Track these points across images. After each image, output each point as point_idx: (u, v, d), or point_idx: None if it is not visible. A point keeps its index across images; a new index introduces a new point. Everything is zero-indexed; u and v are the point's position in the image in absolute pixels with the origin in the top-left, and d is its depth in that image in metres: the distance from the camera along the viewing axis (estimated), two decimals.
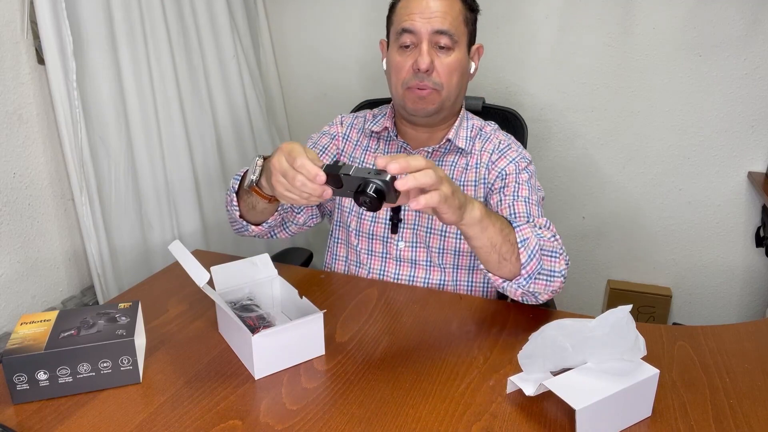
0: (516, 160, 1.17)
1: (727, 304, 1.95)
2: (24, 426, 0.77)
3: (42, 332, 0.83)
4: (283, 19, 2.06)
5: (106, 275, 1.46)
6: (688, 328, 1.00)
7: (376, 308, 1.06)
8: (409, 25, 1.09)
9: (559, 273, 1.00)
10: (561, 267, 1.00)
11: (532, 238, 0.96)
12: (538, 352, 0.81)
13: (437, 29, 1.08)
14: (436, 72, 1.10)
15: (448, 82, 1.12)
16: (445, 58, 1.10)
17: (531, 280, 0.97)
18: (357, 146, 1.27)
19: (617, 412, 0.75)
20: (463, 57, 1.13)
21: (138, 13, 1.50)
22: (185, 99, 1.68)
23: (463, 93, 1.20)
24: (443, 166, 1.20)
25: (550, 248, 0.99)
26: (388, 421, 0.78)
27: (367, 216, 1.22)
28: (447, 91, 1.12)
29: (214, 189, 1.81)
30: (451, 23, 1.08)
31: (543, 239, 0.99)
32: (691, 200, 1.86)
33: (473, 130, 1.22)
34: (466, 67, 1.15)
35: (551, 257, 0.99)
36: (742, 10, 1.63)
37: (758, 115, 1.72)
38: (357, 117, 1.31)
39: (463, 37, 1.12)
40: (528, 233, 0.96)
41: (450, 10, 1.09)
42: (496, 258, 0.95)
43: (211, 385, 0.85)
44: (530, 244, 0.96)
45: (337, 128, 1.30)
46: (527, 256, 0.95)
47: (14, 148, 1.29)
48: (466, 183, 1.18)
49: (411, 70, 1.11)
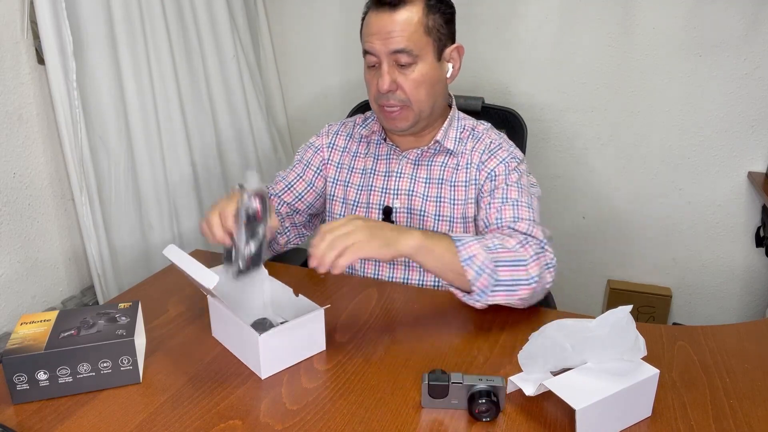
0: (506, 160, 1.17)
1: (727, 304, 1.95)
2: (24, 426, 0.77)
3: (42, 332, 0.83)
4: (283, 19, 2.06)
5: (106, 275, 1.46)
6: (688, 328, 1.00)
7: (376, 308, 1.06)
8: (369, 47, 1.10)
9: (528, 280, 0.97)
10: (531, 273, 0.97)
11: (478, 253, 0.94)
12: (538, 352, 0.81)
13: (394, 49, 1.07)
14: (401, 89, 1.10)
15: (416, 97, 1.11)
16: (408, 74, 1.09)
17: (486, 295, 0.96)
18: (345, 153, 1.28)
19: (617, 412, 0.75)
20: (429, 68, 1.11)
21: (138, 13, 1.49)
22: (185, 99, 1.68)
23: (440, 100, 1.18)
24: (433, 166, 1.20)
25: (509, 258, 0.97)
26: (388, 421, 0.78)
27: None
28: (417, 106, 1.12)
29: (214, 189, 1.81)
30: (409, 39, 1.07)
31: (497, 250, 0.97)
32: (691, 200, 1.86)
33: (464, 130, 1.22)
34: (435, 77, 1.13)
35: (512, 266, 0.97)
36: (742, 10, 1.63)
37: (758, 115, 1.72)
38: (345, 123, 1.32)
39: (427, 47, 1.10)
40: (474, 250, 0.95)
41: (407, 26, 1.06)
42: (452, 276, 0.96)
43: (211, 385, 0.85)
44: (477, 261, 0.94)
45: (322, 139, 1.30)
46: (474, 273, 0.94)
47: (14, 148, 1.29)
48: (457, 183, 1.18)
49: (377, 89, 1.12)
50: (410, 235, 0.92)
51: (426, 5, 1.08)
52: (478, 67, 1.89)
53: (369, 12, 1.11)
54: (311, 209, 1.31)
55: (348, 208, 1.25)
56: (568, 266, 2.07)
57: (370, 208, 1.23)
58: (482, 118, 1.32)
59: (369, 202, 1.23)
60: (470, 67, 1.90)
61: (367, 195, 1.23)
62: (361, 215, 0.89)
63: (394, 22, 1.06)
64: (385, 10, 1.07)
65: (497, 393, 0.77)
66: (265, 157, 2.02)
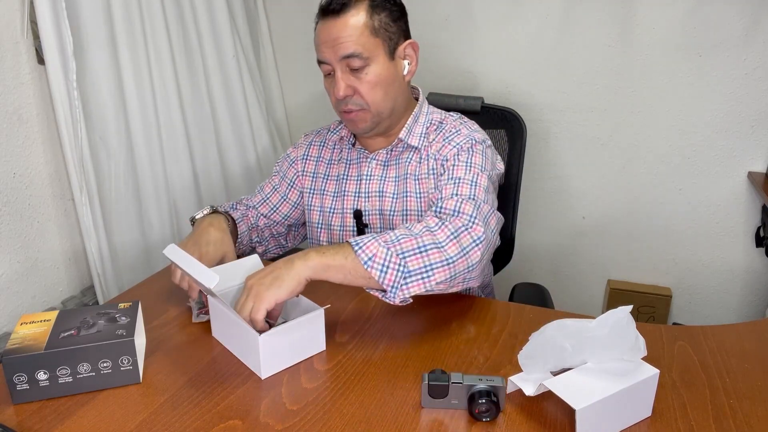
0: (460, 143, 1.14)
1: (727, 304, 1.95)
2: (24, 426, 0.77)
3: (42, 332, 0.83)
4: (283, 19, 2.06)
5: (106, 275, 1.46)
6: (688, 328, 1.00)
7: (376, 308, 1.06)
8: (321, 56, 1.12)
9: (441, 262, 0.93)
10: (447, 254, 0.93)
11: (378, 253, 0.91)
12: (538, 352, 0.81)
13: (343, 54, 1.08)
14: (357, 93, 1.11)
15: (373, 99, 1.11)
16: (363, 76, 1.09)
17: (398, 289, 0.91)
18: (319, 162, 1.29)
19: (617, 412, 0.75)
20: (383, 68, 1.10)
21: (138, 13, 1.50)
22: (185, 99, 1.68)
23: (401, 98, 1.17)
24: (400, 164, 1.20)
25: (417, 245, 0.93)
26: (388, 421, 0.78)
27: (336, 225, 1.25)
28: (375, 107, 1.12)
29: (214, 189, 1.81)
30: (356, 43, 1.07)
31: (401, 241, 0.93)
32: (691, 200, 1.86)
33: (432, 124, 1.21)
34: (390, 76, 1.12)
35: (421, 253, 0.93)
36: (742, 10, 1.63)
37: (758, 115, 1.72)
38: (320, 132, 1.33)
39: (377, 48, 1.09)
40: (373, 249, 0.92)
41: (352, 30, 1.07)
42: (363, 281, 0.93)
43: (211, 385, 0.85)
44: (377, 260, 0.91)
45: (297, 151, 1.31)
46: (378, 272, 0.91)
47: (14, 148, 1.29)
48: (420, 176, 1.17)
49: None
50: (303, 259, 0.90)
51: (370, 6, 1.09)
52: (478, 67, 1.89)
53: (318, 22, 1.13)
54: (288, 220, 1.32)
55: (325, 216, 1.26)
56: (568, 266, 2.07)
57: (344, 214, 1.24)
58: (482, 118, 1.32)
59: (343, 207, 1.24)
60: (470, 67, 1.90)
61: (341, 201, 1.24)
62: (276, 263, 0.91)
63: (340, 29, 1.07)
64: (330, 17, 1.08)
65: (497, 393, 0.77)
66: (265, 157, 2.02)
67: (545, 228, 2.02)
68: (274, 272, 0.90)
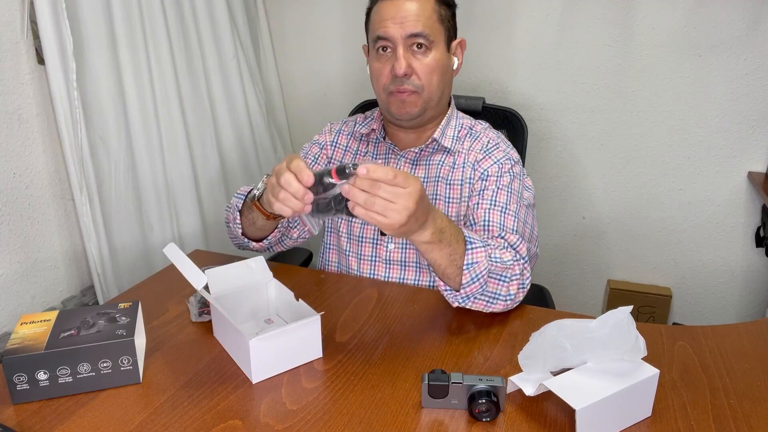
0: (500, 161, 1.17)
1: (727, 304, 1.95)
2: (24, 426, 0.77)
3: (42, 332, 0.83)
4: (283, 19, 2.06)
5: (106, 275, 1.46)
6: (688, 328, 1.00)
7: (376, 308, 1.06)
8: (383, 32, 1.10)
9: (505, 297, 1.00)
10: (510, 291, 1.00)
11: (482, 261, 0.96)
12: (538, 352, 0.81)
13: (411, 32, 1.08)
14: (415, 74, 1.11)
15: (428, 83, 1.12)
16: (423, 59, 1.10)
17: (469, 300, 0.99)
18: (347, 151, 1.28)
19: (617, 412, 0.75)
20: (441, 55, 1.12)
21: (138, 13, 1.49)
22: (185, 99, 1.67)
23: (447, 91, 1.19)
24: (431, 165, 1.20)
25: (500, 272, 0.98)
26: (388, 421, 0.78)
27: (357, 219, 1.22)
28: (428, 92, 1.12)
29: (214, 189, 1.81)
30: (425, 24, 1.08)
31: (496, 263, 0.98)
32: (691, 200, 1.86)
33: (462, 129, 1.22)
34: (446, 65, 1.15)
35: (499, 281, 0.99)
36: (742, 10, 1.63)
37: (758, 115, 1.72)
38: (347, 122, 1.32)
39: (440, 35, 1.11)
40: (480, 257, 0.96)
41: (422, 11, 1.08)
42: (440, 272, 0.98)
43: (212, 385, 0.85)
44: (477, 269, 0.96)
45: (326, 137, 1.31)
46: (470, 278, 0.96)
47: (14, 148, 1.29)
48: (453, 182, 1.18)
49: (390, 76, 1.11)
50: (433, 218, 0.90)
51: None
52: (478, 67, 1.89)
53: (379, 2, 1.12)
54: None
55: None
56: (568, 266, 2.07)
57: None
58: (482, 118, 1.32)
59: None
60: (470, 67, 1.90)
61: None
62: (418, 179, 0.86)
63: (411, 8, 1.08)
64: None
65: (497, 393, 0.77)
66: (265, 157, 2.02)
67: (545, 228, 2.02)
68: (413, 218, 0.83)
